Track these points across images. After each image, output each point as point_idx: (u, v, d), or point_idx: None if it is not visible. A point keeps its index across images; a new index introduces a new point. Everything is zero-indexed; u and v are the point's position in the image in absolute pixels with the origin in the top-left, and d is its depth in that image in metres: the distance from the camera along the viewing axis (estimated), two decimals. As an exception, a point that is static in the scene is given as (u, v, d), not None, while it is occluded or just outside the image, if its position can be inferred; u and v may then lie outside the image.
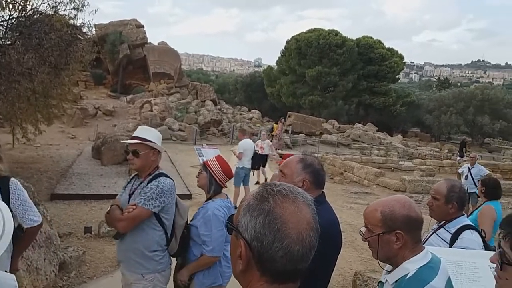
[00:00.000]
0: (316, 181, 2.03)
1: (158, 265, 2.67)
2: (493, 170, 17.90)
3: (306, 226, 0.93)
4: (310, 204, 0.98)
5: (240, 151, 9.07)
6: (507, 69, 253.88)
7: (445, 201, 2.54)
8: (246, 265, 0.93)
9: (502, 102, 41.03)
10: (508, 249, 1.15)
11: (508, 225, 1.18)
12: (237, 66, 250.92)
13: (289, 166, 2.08)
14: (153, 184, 2.61)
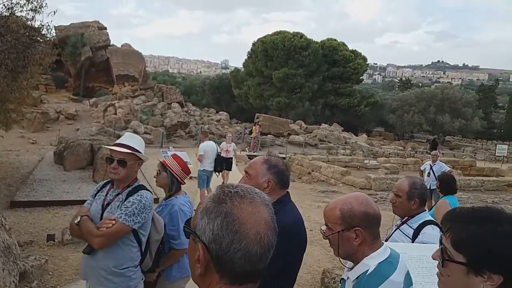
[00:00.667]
0: (281, 182, 2.05)
1: (130, 281, 2.50)
2: (454, 166, 18.63)
3: (264, 226, 0.93)
4: (268, 204, 0.98)
5: (200, 153, 8.99)
6: (465, 69, 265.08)
7: (407, 198, 2.62)
8: (205, 268, 0.93)
9: (461, 101, 42.77)
10: (449, 245, 1.12)
11: (449, 220, 1.16)
12: (204, 68, 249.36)
13: (253, 167, 2.08)
14: (135, 198, 2.45)
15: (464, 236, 1.09)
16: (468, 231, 1.09)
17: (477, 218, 1.11)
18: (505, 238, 1.05)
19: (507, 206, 11.47)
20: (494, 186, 14.77)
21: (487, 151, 34.72)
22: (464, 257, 1.08)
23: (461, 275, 1.09)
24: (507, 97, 71.28)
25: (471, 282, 1.07)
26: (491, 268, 1.05)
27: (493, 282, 1.04)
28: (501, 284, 1.04)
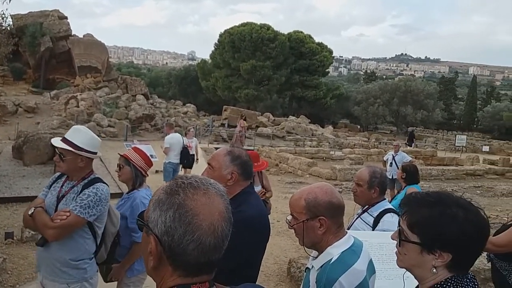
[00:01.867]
0: (244, 173, 2.04)
1: (85, 273, 2.49)
2: (416, 156, 19.25)
3: (218, 217, 0.93)
4: (223, 195, 0.98)
5: (166, 145, 8.86)
6: (427, 62, 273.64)
7: (368, 187, 2.69)
8: (158, 261, 0.92)
9: (423, 93, 44.17)
10: (406, 226, 1.23)
11: (405, 204, 1.27)
12: (170, 59, 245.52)
13: (216, 159, 2.06)
14: (91, 190, 2.44)
15: (418, 219, 1.21)
16: (421, 214, 1.21)
17: (429, 202, 1.22)
18: (453, 220, 1.17)
19: (466, 194, 11.98)
20: (454, 175, 15.37)
21: (448, 141, 36.07)
22: (418, 237, 1.20)
23: (416, 254, 1.21)
24: (466, 89, 74.33)
25: (425, 259, 1.20)
26: (441, 247, 1.17)
27: (443, 259, 1.17)
28: (450, 261, 1.17)
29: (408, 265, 1.25)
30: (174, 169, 9.00)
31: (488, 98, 69.20)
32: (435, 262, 1.18)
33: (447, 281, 1.18)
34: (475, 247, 1.18)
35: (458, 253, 1.16)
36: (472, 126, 61.44)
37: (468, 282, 1.19)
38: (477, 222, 1.18)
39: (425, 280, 1.22)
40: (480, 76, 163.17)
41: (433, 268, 1.18)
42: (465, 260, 1.19)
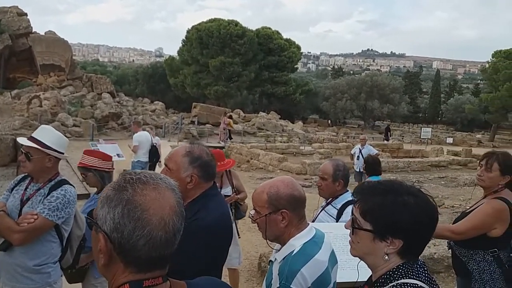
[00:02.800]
0: (205, 175, 1.89)
1: (48, 278, 2.41)
2: (383, 149, 19.71)
3: (169, 211, 0.92)
4: (174, 189, 0.97)
5: (135, 144, 8.70)
6: (392, 57, 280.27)
7: (333, 180, 2.73)
8: (109, 258, 0.91)
9: (388, 88, 45.27)
10: (358, 214, 1.24)
11: (358, 193, 1.29)
12: (137, 56, 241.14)
13: (174, 160, 1.89)
14: (59, 193, 2.37)
15: (370, 206, 1.23)
16: (373, 202, 1.23)
17: (381, 190, 1.24)
18: (403, 207, 1.19)
19: (431, 185, 12.37)
20: (419, 166, 15.84)
21: (413, 134, 37.16)
22: (371, 225, 1.22)
23: (369, 241, 1.23)
24: (430, 83, 76.69)
25: (377, 247, 1.21)
26: (393, 234, 1.19)
27: (395, 246, 1.19)
28: (401, 247, 1.19)
29: (361, 253, 1.27)
30: (143, 168, 8.83)
31: (451, 91, 71.68)
32: (387, 249, 1.20)
33: (399, 267, 1.20)
34: (425, 233, 1.21)
35: (409, 240, 1.18)
36: (437, 119, 63.54)
37: (419, 268, 1.21)
38: (426, 209, 1.20)
39: (378, 268, 1.23)
40: (443, 70, 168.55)
41: (385, 255, 1.20)
42: (415, 246, 1.22)
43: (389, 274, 1.20)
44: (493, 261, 2.50)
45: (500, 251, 2.51)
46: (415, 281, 1.16)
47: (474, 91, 66.27)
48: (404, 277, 1.18)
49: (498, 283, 2.49)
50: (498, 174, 2.54)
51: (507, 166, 2.54)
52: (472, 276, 2.55)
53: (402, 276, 1.18)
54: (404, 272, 1.19)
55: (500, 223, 2.47)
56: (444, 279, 4.76)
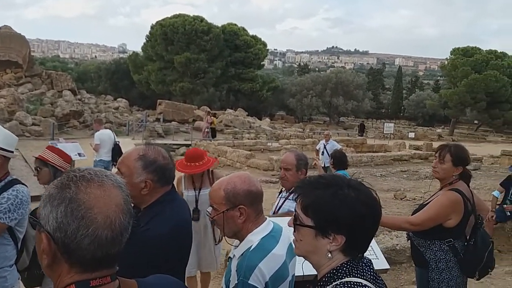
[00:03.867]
0: (161, 179, 1.77)
1: (5, 282, 2.33)
2: (347, 145, 20.08)
3: (115, 209, 0.90)
4: (121, 186, 0.95)
5: (96, 142, 8.47)
6: (356, 54, 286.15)
7: (296, 170, 2.81)
8: (52, 259, 0.89)
9: (352, 84, 46.22)
10: (300, 210, 1.19)
11: (299, 188, 1.25)
12: (100, 53, 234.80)
13: (126, 164, 1.77)
14: (11, 193, 2.28)
15: (311, 201, 1.17)
16: (314, 196, 1.17)
17: (322, 184, 1.19)
18: (344, 201, 1.14)
19: (393, 178, 12.72)
20: (382, 160, 16.24)
21: (377, 129, 38.14)
22: (312, 220, 1.16)
23: (311, 238, 1.17)
24: (393, 79, 78.94)
25: (319, 244, 1.16)
26: (334, 230, 1.14)
27: (338, 242, 1.14)
28: (344, 244, 1.14)
29: (304, 251, 1.21)
30: (106, 167, 8.59)
31: (412, 87, 74.12)
32: (329, 246, 1.14)
33: (343, 265, 1.15)
34: (368, 227, 1.16)
35: (352, 235, 1.13)
36: (399, 114, 65.50)
37: (364, 266, 1.17)
38: (368, 203, 1.16)
39: (322, 267, 1.18)
40: (405, 67, 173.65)
41: (328, 253, 1.15)
42: (359, 242, 1.16)
43: (333, 272, 1.15)
44: (449, 251, 2.59)
45: (455, 240, 2.60)
46: (359, 280, 1.12)
47: (434, 87, 68.80)
48: (348, 275, 1.13)
49: (454, 272, 2.58)
50: (450, 165, 2.63)
51: (458, 157, 2.64)
52: (429, 265, 2.63)
53: (346, 274, 1.13)
54: (348, 270, 1.14)
55: (455, 213, 2.56)
56: (406, 269, 4.89)
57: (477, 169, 15.31)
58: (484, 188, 10.46)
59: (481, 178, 13.10)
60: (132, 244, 1.66)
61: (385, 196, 9.61)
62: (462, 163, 2.65)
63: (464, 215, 2.57)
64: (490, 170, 15.49)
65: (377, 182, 11.82)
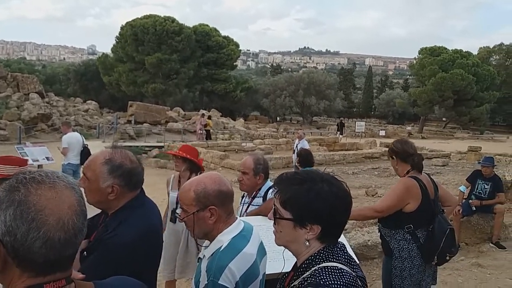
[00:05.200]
0: (129, 184, 1.72)
1: None
2: (320, 143, 20.32)
3: (67, 211, 0.88)
4: (74, 187, 0.93)
5: (64, 146, 8.26)
6: (328, 54, 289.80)
7: (254, 174, 2.80)
8: (2, 264, 0.86)
9: (324, 84, 46.79)
10: (279, 204, 1.30)
11: (277, 183, 1.34)
12: (68, 54, 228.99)
13: (92, 169, 1.71)
14: None
15: (289, 195, 1.28)
16: (291, 191, 1.28)
17: (299, 180, 1.30)
18: (319, 194, 1.25)
19: (365, 175, 12.95)
20: (354, 158, 16.51)
21: (349, 128, 38.67)
22: (291, 213, 1.28)
23: (290, 229, 1.29)
24: (363, 79, 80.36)
25: (298, 234, 1.28)
26: (311, 220, 1.26)
27: (314, 231, 1.26)
28: (320, 232, 1.26)
29: (284, 242, 1.32)
30: (75, 171, 8.40)
31: (382, 86, 75.71)
32: (307, 235, 1.26)
33: (320, 252, 1.27)
34: (340, 217, 1.28)
35: (326, 224, 1.25)
36: (370, 113, 66.82)
37: (338, 250, 1.29)
38: (340, 194, 1.27)
39: (301, 254, 1.30)
40: (375, 66, 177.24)
41: (306, 241, 1.26)
42: (333, 230, 1.28)
43: (311, 259, 1.26)
44: (411, 240, 2.72)
45: (417, 229, 2.72)
46: (335, 264, 1.23)
47: (403, 86, 70.47)
48: (325, 260, 1.25)
49: (416, 261, 2.70)
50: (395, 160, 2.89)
51: (393, 150, 2.90)
52: (393, 253, 2.76)
53: (323, 260, 1.25)
54: (325, 256, 1.26)
55: (412, 198, 2.71)
56: (378, 264, 4.98)
57: (445, 165, 15.79)
58: (452, 183, 10.80)
59: (449, 173, 13.52)
60: (99, 251, 1.63)
61: (357, 193, 9.78)
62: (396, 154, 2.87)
63: (422, 201, 2.70)
64: (457, 165, 16.00)
65: (349, 180, 12.01)
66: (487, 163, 5.89)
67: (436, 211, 2.77)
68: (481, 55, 52.14)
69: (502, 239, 5.74)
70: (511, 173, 7.93)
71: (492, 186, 5.80)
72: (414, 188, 2.72)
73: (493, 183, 5.83)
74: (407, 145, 2.88)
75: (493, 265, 4.89)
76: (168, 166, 15.14)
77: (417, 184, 2.72)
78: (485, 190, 5.84)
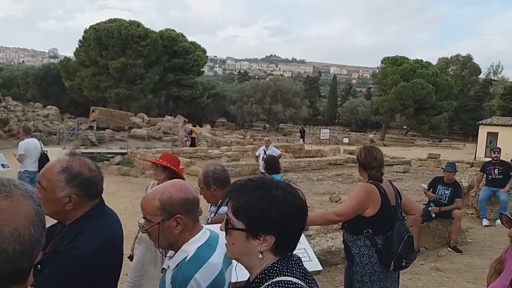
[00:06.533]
0: (88, 193, 1.65)
1: None
2: (286, 150, 20.49)
3: (24, 221, 0.84)
4: (32, 196, 0.89)
5: (21, 152, 7.93)
6: (294, 62, 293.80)
7: (206, 187, 2.76)
8: None
9: (291, 92, 47.42)
10: (231, 214, 1.21)
11: (230, 191, 1.26)
12: (28, 57, 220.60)
13: (48, 177, 1.63)
14: None
15: (241, 204, 1.19)
16: (243, 199, 1.20)
17: (251, 187, 1.22)
18: (272, 201, 1.17)
19: (329, 182, 13.17)
20: (319, 165, 16.77)
21: (314, 135, 39.28)
22: (243, 223, 1.18)
23: (243, 241, 1.19)
24: (328, 87, 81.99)
25: (251, 245, 1.18)
26: (264, 230, 1.17)
27: (268, 242, 1.17)
28: (274, 244, 1.17)
29: (236, 254, 1.23)
30: (32, 178, 8.04)
31: (346, 95, 77.60)
32: (260, 247, 1.17)
33: (273, 265, 1.18)
34: (295, 226, 1.20)
35: (281, 235, 1.17)
36: (334, 121, 68.24)
37: (294, 264, 1.20)
38: (295, 203, 1.19)
39: (254, 268, 1.21)
40: (340, 75, 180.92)
41: (259, 254, 1.18)
42: (288, 241, 1.20)
43: (264, 273, 1.18)
44: (371, 245, 2.77)
45: (377, 236, 2.78)
46: (290, 278, 1.15)
47: (366, 94, 72.47)
48: (278, 274, 1.16)
49: (376, 267, 2.75)
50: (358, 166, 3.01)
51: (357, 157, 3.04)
52: (354, 259, 2.81)
53: (277, 274, 1.16)
54: (279, 269, 1.17)
55: (371, 203, 2.77)
56: (341, 270, 5.05)
57: (406, 171, 16.29)
58: (413, 189, 11.15)
59: (410, 180, 13.95)
60: (55, 264, 1.56)
61: (321, 199, 9.92)
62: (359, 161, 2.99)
63: (381, 206, 2.76)
64: (418, 172, 16.55)
65: (314, 186, 12.18)
66: (450, 168, 6.12)
67: (396, 217, 2.83)
68: (440, 66, 54.57)
69: (459, 243, 5.97)
70: (467, 179, 8.28)
71: (452, 192, 6.03)
72: (373, 193, 2.78)
73: (453, 188, 6.05)
74: (371, 156, 2.92)
75: (451, 268, 5.06)
76: (131, 173, 14.81)
77: (377, 190, 2.79)
78: (445, 195, 6.06)
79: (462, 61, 59.65)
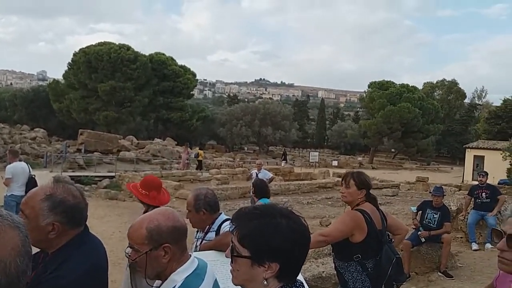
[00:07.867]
0: (71, 221, 1.62)
1: None
2: (276, 173, 20.43)
3: (10, 252, 0.83)
4: (19, 227, 0.87)
5: (7, 176, 7.79)
6: (283, 86, 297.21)
7: (196, 211, 2.73)
8: None
9: (280, 115, 47.80)
10: (236, 241, 1.23)
11: (235, 219, 1.28)
12: (16, 79, 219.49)
13: (31, 206, 1.59)
14: None
15: (247, 232, 1.22)
16: (249, 227, 1.22)
17: (257, 215, 1.25)
18: (277, 229, 1.20)
19: (319, 205, 13.13)
20: (309, 188, 16.76)
21: (303, 158, 39.43)
22: (248, 251, 1.21)
23: (248, 268, 1.22)
24: (316, 110, 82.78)
25: (256, 273, 1.21)
26: (269, 258, 1.20)
27: (272, 270, 1.20)
28: (278, 271, 1.20)
29: (241, 281, 1.25)
30: (18, 203, 7.88)
31: (334, 118, 78.38)
32: (265, 274, 1.20)
33: None
34: (299, 252, 1.23)
35: (285, 261, 1.20)
36: (323, 144, 68.61)
37: None
38: (298, 229, 1.23)
39: None
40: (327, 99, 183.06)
41: (264, 281, 1.20)
42: (292, 268, 1.24)
43: None
44: (362, 270, 2.78)
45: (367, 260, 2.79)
46: None
47: (354, 118, 73.33)
48: None
49: None
50: (355, 189, 2.93)
51: (361, 181, 2.95)
52: (348, 285, 2.82)
53: None
54: None
55: (357, 229, 2.79)
56: (332, 296, 4.99)
57: (395, 195, 16.35)
58: (402, 213, 11.15)
59: (399, 203, 13.97)
60: None
61: (312, 223, 9.84)
62: (364, 186, 2.95)
63: (368, 233, 2.78)
64: (406, 195, 16.61)
65: (304, 210, 12.12)
66: (437, 193, 6.15)
67: (384, 241, 2.86)
68: (425, 90, 55.66)
69: (449, 268, 5.95)
70: (456, 203, 8.32)
71: (441, 216, 6.04)
72: (359, 219, 2.81)
73: (442, 212, 6.07)
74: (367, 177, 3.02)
75: (442, 293, 5.03)
76: (119, 197, 14.60)
77: (362, 216, 2.81)
78: (434, 219, 6.06)
79: (448, 86, 61.01)
